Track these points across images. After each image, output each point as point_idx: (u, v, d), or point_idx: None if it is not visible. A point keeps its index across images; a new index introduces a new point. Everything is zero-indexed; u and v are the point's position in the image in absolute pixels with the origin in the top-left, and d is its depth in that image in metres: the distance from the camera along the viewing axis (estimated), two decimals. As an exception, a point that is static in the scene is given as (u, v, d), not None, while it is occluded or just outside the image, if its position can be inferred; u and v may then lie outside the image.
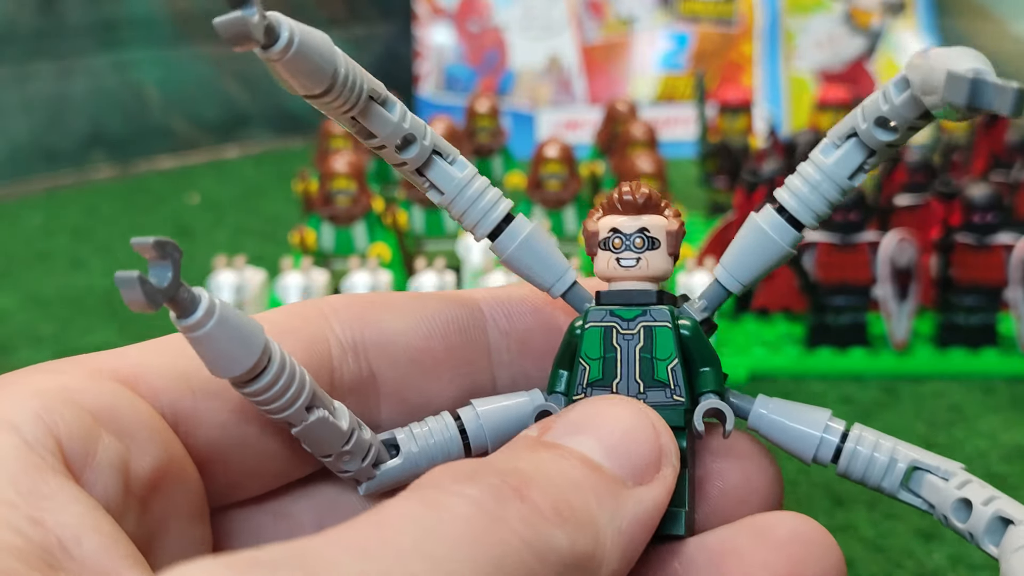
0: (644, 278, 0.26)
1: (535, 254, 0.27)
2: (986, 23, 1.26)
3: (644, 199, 0.26)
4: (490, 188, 0.27)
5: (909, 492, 0.25)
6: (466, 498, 0.19)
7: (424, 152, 0.26)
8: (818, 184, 0.25)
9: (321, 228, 0.75)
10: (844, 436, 0.26)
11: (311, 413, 0.23)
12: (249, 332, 0.21)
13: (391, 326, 0.27)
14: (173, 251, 0.20)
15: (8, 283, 0.85)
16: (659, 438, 0.23)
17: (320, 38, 0.23)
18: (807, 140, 0.84)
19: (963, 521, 0.24)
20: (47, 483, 0.19)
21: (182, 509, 0.23)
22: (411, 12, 1.30)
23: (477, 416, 0.27)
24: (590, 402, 0.25)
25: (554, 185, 0.78)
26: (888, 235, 0.65)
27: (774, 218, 0.26)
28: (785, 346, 0.68)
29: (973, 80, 0.20)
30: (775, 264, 0.26)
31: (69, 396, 0.21)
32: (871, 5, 1.26)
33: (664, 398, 0.25)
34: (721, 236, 0.75)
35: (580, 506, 0.21)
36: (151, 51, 1.23)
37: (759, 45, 1.26)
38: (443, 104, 1.24)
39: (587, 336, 0.26)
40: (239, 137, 1.29)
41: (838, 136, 0.25)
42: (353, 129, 0.25)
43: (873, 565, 0.46)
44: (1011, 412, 0.60)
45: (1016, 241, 0.65)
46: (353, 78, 0.23)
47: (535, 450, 0.23)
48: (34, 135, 1.15)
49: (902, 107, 0.23)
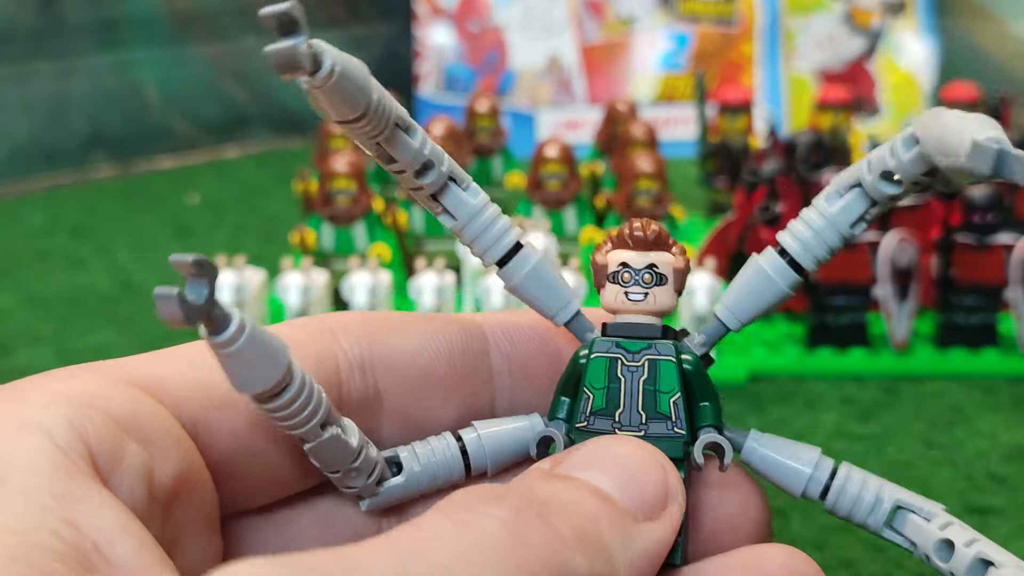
0: (650, 312, 0.27)
1: (541, 283, 0.27)
2: (986, 23, 1.26)
3: (654, 236, 0.27)
4: (501, 216, 0.27)
5: (892, 531, 0.27)
6: (494, 519, 0.20)
7: (441, 178, 0.26)
8: (821, 231, 0.26)
9: (321, 228, 0.75)
10: (833, 473, 0.27)
11: (325, 431, 0.24)
12: (275, 349, 0.22)
13: (398, 346, 0.28)
14: (210, 270, 0.20)
15: (8, 283, 0.85)
16: (667, 477, 0.24)
17: (358, 67, 0.23)
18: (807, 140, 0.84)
19: (945, 561, 0.25)
20: (79, 486, 0.20)
21: (199, 518, 0.24)
22: (411, 12, 1.30)
23: (479, 438, 0.27)
24: (599, 440, 0.25)
25: (554, 185, 0.78)
26: (888, 235, 0.65)
27: (776, 261, 0.27)
28: (785, 346, 0.68)
29: (999, 152, 0.21)
30: (774, 304, 0.27)
31: (96, 402, 0.22)
32: (871, 5, 1.26)
33: (665, 430, 0.26)
34: (721, 236, 0.75)
35: (596, 534, 0.22)
36: (151, 51, 1.23)
37: (759, 45, 1.26)
38: (443, 104, 1.24)
39: (592, 365, 0.27)
40: (239, 137, 1.29)
41: (843, 185, 0.26)
42: (375, 153, 0.25)
43: (873, 565, 0.46)
44: (1012, 412, 0.60)
45: (1016, 241, 0.65)
46: (385, 105, 0.24)
47: (549, 480, 0.23)
48: (34, 135, 1.15)
49: (909, 163, 0.24)
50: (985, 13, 1.26)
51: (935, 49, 1.24)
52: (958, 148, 0.21)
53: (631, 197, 0.75)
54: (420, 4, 1.30)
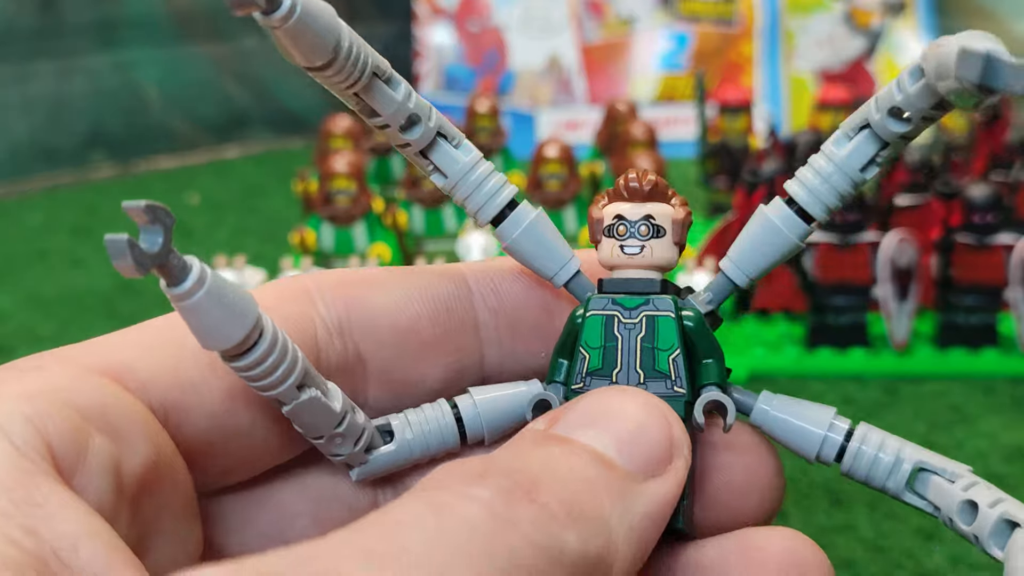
0: (648, 266, 0.26)
1: (539, 241, 0.26)
2: (986, 23, 1.26)
3: (650, 186, 0.25)
4: (495, 173, 0.26)
5: (914, 494, 0.25)
6: (475, 501, 0.19)
7: (428, 133, 0.25)
8: (829, 176, 0.25)
9: (321, 228, 0.75)
10: (849, 435, 0.25)
11: (303, 392, 0.23)
12: (241, 304, 0.21)
13: (377, 304, 0.26)
14: (165, 217, 0.19)
15: (8, 283, 0.85)
16: (671, 430, 0.23)
17: (323, 8, 0.22)
18: (807, 140, 0.84)
19: (968, 523, 0.23)
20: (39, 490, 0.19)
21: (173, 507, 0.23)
22: (411, 12, 1.30)
23: (474, 405, 0.26)
24: (599, 393, 0.24)
25: (554, 185, 0.78)
26: (888, 235, 0.65)
27: (784, 210, 0.25)
28: (785, 346, 0.68)
29: (987, 56, 0.19)
30: (784, 257, 0.25)
31: (58, 396, 0.21)
32: (871, 5, 1.26)
33: (664, 389, 0.25)
34: (721, 236, 0.75)
35: (591, 505, 0.20)
36: (151, 51, 1.23)
37: (759, 45, 1.26)
38: (443, 104, 1.24)
39: (588, 324, 0.25)
40: (239, 137, 1.29)
41: (851, 127, 0.24)
42: (357, 107, 0.24)
43: (873, 565, 0.46)
44: (1012, 412, 0.60)
45: (1016, 241, 0.65)
46: (357, 52, 0.23)
47: (544, 445, 0.22)
48: (34, 135, 1.15)
49: (916, 96, 0.22)
50: (985, 13, 1.26)
51: (935, 49, 1.24)
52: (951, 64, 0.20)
53: (631, 197, 0.75)
54: (420, 4, 1.30)
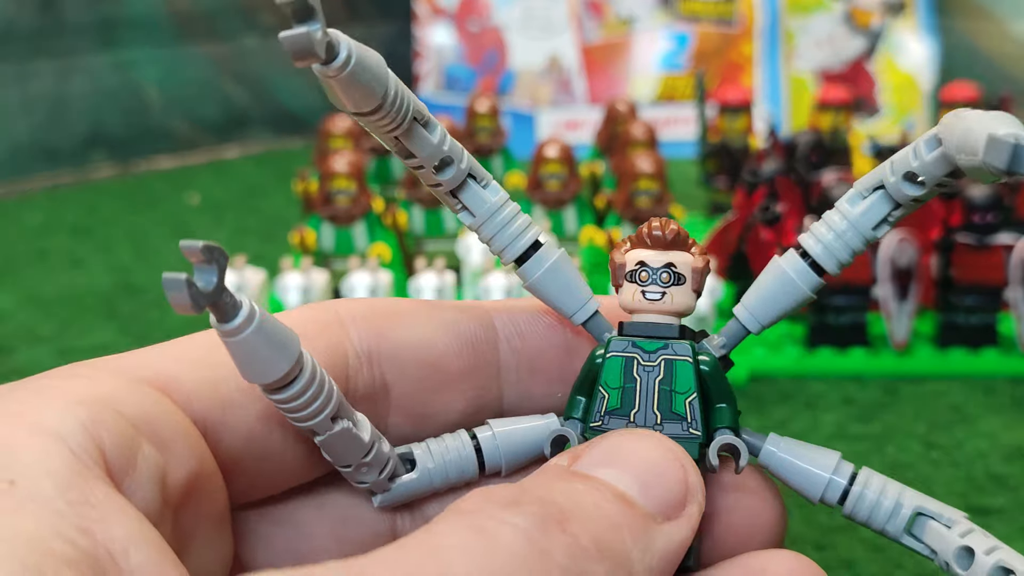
0: (668, 312, 0.27)
1: (559, 282, 0.27)
2: (986, 23, 1.26)
3: (673, 236, 0.27)
4: (520, 214, 0.27)
5: (912, 537, 0.26)
6: (513, 528, 0.20)
7: (460, 175, 0.26)
8: (843, 233, 0.26)
9: (321, 228, 0.75)
10: (852, 478, 0.27)
11: (336, 424, 0.24)
12: (285, 340, 0.22)
13: (406, 337, 0.27)
14: (220, 256, 0.20)
15: (8, 283, 0.85)
16: (687, 476, 0.24)
17: (375, 58, 0.23)
18: (807, 140, 0.84)
19: (964, 569, 0.24)
20: (94, 493, 0.19)
21: (210, 517, 0.24)
22: (411, 12, 1.30)
23: (493, 436, 0.27)
24: (619, 434, 0.25)
25: (554, 185, 0.78)
26: (888, 235, 0.65)
27: (798, 264, 0.26)
28: (785, 346, 0.68)
29: (1015, 146, 0.20)
30: (796, 307, 0.27)
31: (110, 404, 0.21)
32: (871, 5, 1.26)
33: (680, 431, 0.26)
34: (721, 236, 0.75)
35: (616, 542, 0.21)
36: (151, 51, 1.23)
37: (759, 45, 1.26)
38: (443, 104, 1.24)
39: (608, 365, 0.26)
40: (239, 137, 1.29)
41: (865, 188, 0.26)
42: (394, 148, 0.25)
43: (873, 565, 0.46)
44: (1012, 412, 0.60)
45: (1016, 241, 0.65)
46: (402, 98, 0.24)
47: (568, 480, 0.23)
48: (34, 135, 1.15)
49: (932, 164, 0.24)
50: (985, 13, 1.26)
51: (935, 49, 1.24)
52: (976, 145, 0.21)
53: (631, 197, 0.75)
54: (420, 4, 1.30)
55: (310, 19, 0.21)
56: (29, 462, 0.19)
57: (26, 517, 0.18)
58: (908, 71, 1.24)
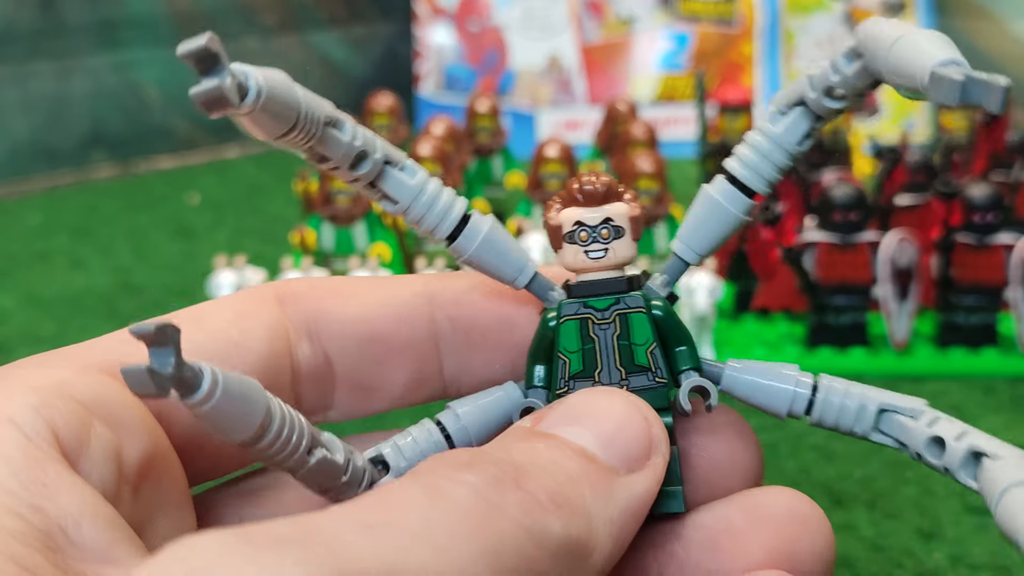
0: (612, 267, 0.26)
1: (495, 250, 0.27)
2: (986, 23, 1.26)
3: (605, 188, 0.26)
4: (444, 189, 0.26)
5: (881, 433, 0.26)
6: (466, 485, 0.20)
7: (376, 165, 0.25)
8: (768, 152, 0.26)
9: (321, 228, 0.75)
10: (814, 388, 0.27)
11: (312, 455, 0.23)
12: (251, 395, 0.21)
13: (343, 311, 0.28)
14: (174, 333, 0.19)
15: (8, 283, 0.85)
16: (650, 428, 0.24)
17: (282, 82, 0.22)
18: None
19: (937, 457, 0.24)
20: (46, 472, 0.20)
21: (169, 496, 0.24)
22: (411, 12, 1.30)
23: (458, 418, 0.27)
24: (582, 394, 0.25)
25: (554, 185, 0.78)
26: (888, 235, 0.65)
27: (726, 187, 0.26)
28: (785, 346, 0.68)
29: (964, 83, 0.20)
30: (730, 232, 0.27)
31: (62, 389, 0.22)
32: (871, 5, 1.26)
33: (647, 381, 0.26)
34: (721, 236, 0.75)
35: (574, 495, 0.21)
36: (151, 51, 1.23)
37: (759, 45, 1.26)
38: (443, 104, 1.24)
39: (563, 330, 0.26)
40: (239, 137, 1.29)
41: (784, 103, 0.26)
42: (307, 157, 0.24)
43: (873, 565, 0.46)
44: (1012, 412, 0.60)
45: (1016, 241, 0.65)
46: (312, 112, 0.23)
47: (529, 440, 0.23)
48: (34, 135, 1.15)
49: (854, 78, 0.24)
50: (985, 13, 1.26)
51: (935, 49, 1.24)
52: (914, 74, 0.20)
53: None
54: (420, 4, 1.30)
55: (216, 67, 0.20)
56: None
57: None
58: (908, 71, 1.24)
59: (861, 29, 0.23)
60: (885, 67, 0.22)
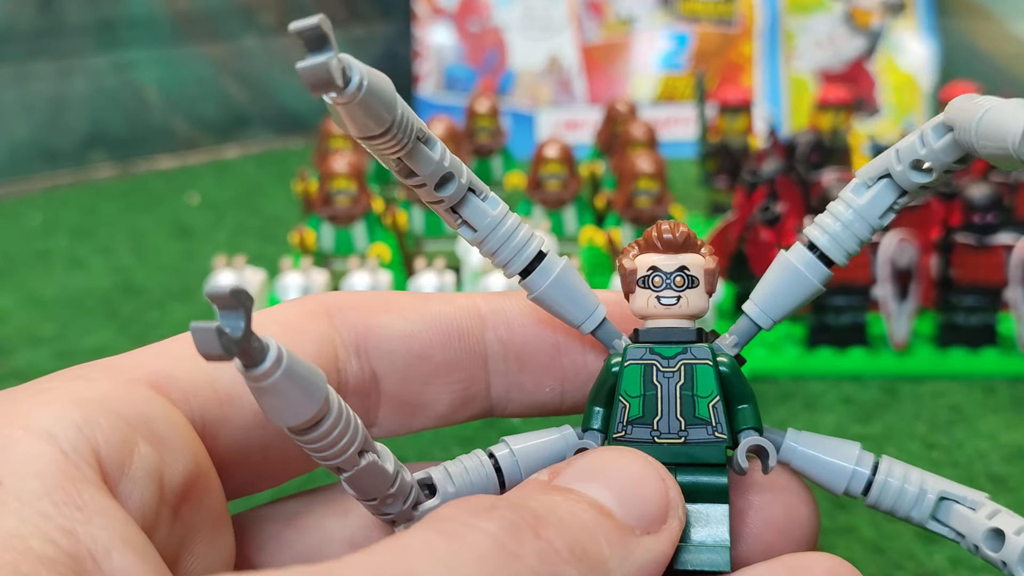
0: (683, 316, 0.26)
1: (566, 292, 0.27)
2: (986, 23, 1.26)
3: (683, 238, 0.26)
4: (522, 225, 0.26)
5: (938, 523, 0.26)
6: (484, 532, 0.20)
7: (461, 190, 0.25)
8: (850, 223, 0.26)
9: (321, 228, 0.75)
10: (874, 468, 0.27)
11: (363, 458, 0.23)
12: (312, 379, 0.21)
13: (392, 328, 0.27)
14: (247, 300, 0.19)
15: (8, 283, 0.85)
16: (667, 490, 0.24)
17: (384, 81, 0.22)
18: (807, 140, 0.84)
19: (996, 551, 0.24)
20: (81, 495, 0.20)
21: (208, 517, 0.24)
22: (411, 12, 1.30)
23: (512, 454, 0.27)
24: (599, 451, 0.25)
25: (554, 185, 0.78)
26: (888, 235, 0.65)
27: (806, 256, 0.26)
28: (785, 346, 0.68)
29: None
30: (806, 300, 0.26)
31: (107, 405, 0.21)
32: (871, 5, 1.25)
33: (706, 435, 0.26)
34: (721, 236, 0.75)
35: (592, 548, 0.21)
36: (151, 51, 1.23)
37: (759, 45, 1.26)
38: (443, 104, 1.24)
39: (627, 373, 0.26)
40: (239, 137, 1.29)
41: (870, 177, 0.26)
42: (395, 168, 0.24)
43: (874, 566, 0.46)
44: (1012, 412, 0.60)
45: (1016, 241, 0.65)
46: (408, 121, 0.23)
47: (547, 493, 0.23)
48: (34, 135, 1.15)
49: (941, 152, 0.23)
50: (985, 13, 1.26)
51: (935, 49, 1.24)
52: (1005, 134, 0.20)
53: (631, 197, 0.75)
54: (420, 4, 1.30)
55: (325, 47, 0.20)
56: (19, 462, 0.20)
57: (9, 516, 0.19)
58: (908, 71, 1.24)
59: (952, 105, 0.23)
60: (975, 136, 0.22)
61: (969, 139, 0.22)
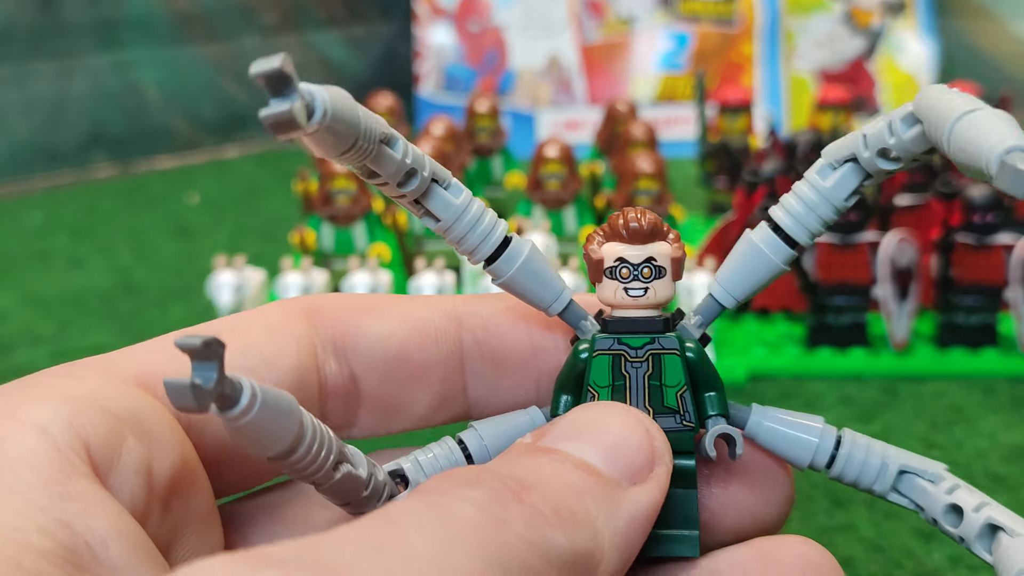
0: (651, 306, 0.26)
1: (533, 275, 0.27)
2: (986, 23, 1.26)
3: (650, 227, 0.26)
4: (487, 211, 0.26)
5: (899, 494, 0.26)
6: (470, 501, 0.20)
7: (424, 183, 0.25)
8: (815, 205, 0.26)
9: (321, 228, 0.75)
10: (838, 442, 0.27)
11: (337, 471, 0.23)
12: (284, 408, 0.21)
13: (370, 329, 0.28)
14: (219, 348, 0.19)
15: (8, 283, 0.85)
16: (652, 440, 0.24)
17: (345, 101, 0.22)
18: (807, 140, 0.84)
19: (954, 526, 0.25)
20: (75, 486, 0.20)
21: (197, 511, 0.24)
22: (411, 12, 1.30)
23: (480, 438, 0.27)
24: (583, 408, 0.25)
25: (554, 185, 0.78)
26: (888, 235, 0.65)
27: (769, 235, 0.26)
28: (785, 346, 0.68)
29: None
30: (768, 280, 0.27)
31: (95, 401, 0.22)
32: (871, 5, 1.25)
33: (674, 423, 0.26)
34: (721, 236, 0.75)
35: (578, 508, 0.21)
36: (151, 51, 1.23)
37: (759, 45, 1.26)
38: (443, 104, 1.24)
39: (595, 363, 0.26)
40: (239, 137, 1.29)
41: (836, 158, 0.25)
42: (360, 172, 0.24)
43: (872, 565, 0.46)
44: (1011, 412, 0.60)
45: (1016, 241, 0.65)
46: (370, 130, 0.23)
47: (531, 455, 0.23)
48: (34, 135, 1.15)
49: (911, 143, 0.23)
50: (985, 13, 1.26)
51: (935, 49, 1.24)
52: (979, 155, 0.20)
53: (631, 197, 0.75)
54: (420, 4, 1.30)
55: (287, 90, 0.20)
56: (13, 456, 0.20)
57: (6, 510, 0.19)
58: (908, 71, 1.24)
59: (922, 96, 0.22)
60: (947, 141, 0.21)
61: (939, 140, 0.21)
